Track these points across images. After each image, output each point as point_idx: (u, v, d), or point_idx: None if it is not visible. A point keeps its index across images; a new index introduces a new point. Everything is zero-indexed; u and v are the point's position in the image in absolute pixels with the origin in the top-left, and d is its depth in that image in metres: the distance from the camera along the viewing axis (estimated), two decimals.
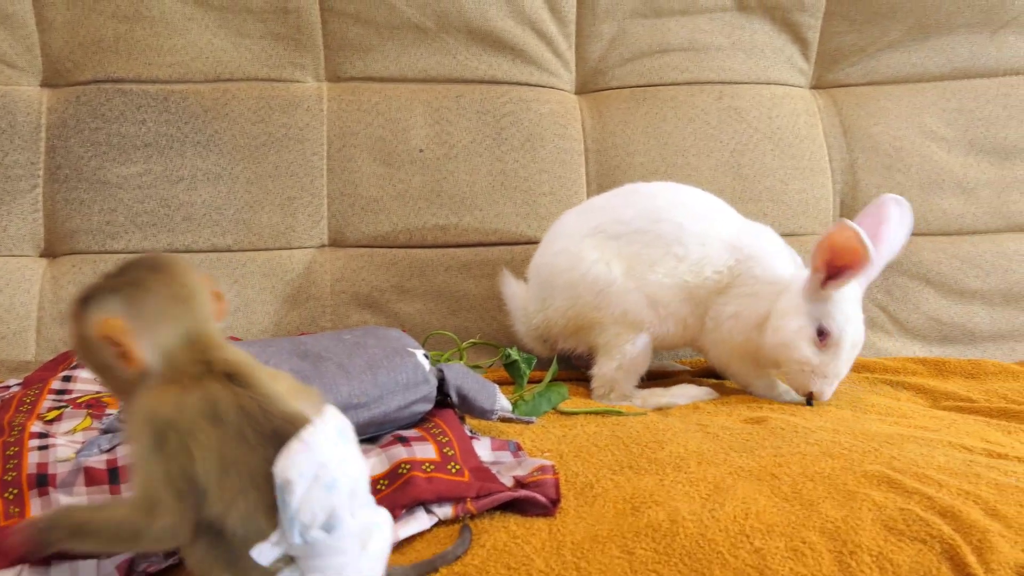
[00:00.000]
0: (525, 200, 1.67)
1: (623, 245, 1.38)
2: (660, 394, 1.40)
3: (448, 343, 1.60)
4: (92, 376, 1.03)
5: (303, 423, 0.69)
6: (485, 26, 1.69)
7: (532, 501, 0.91)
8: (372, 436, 1.08)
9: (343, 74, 1.69)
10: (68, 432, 1.05)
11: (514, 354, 1.38)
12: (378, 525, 0.75)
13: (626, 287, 1.37)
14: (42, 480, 0.90)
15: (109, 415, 1.11)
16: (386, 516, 0.77)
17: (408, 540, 0.87)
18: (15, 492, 0.88)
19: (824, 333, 1.29)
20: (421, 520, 0.89)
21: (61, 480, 0.91)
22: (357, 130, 1.66)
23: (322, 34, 1.67)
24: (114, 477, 0.92)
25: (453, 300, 1.64)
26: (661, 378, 1.52)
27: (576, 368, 1.52)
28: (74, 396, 1.18)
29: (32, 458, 0.95)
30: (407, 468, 0.94)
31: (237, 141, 1.62)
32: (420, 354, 1.14)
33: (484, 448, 1.07)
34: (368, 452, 1.00)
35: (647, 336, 1.39)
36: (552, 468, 0.99)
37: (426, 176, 1.66)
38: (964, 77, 1.81)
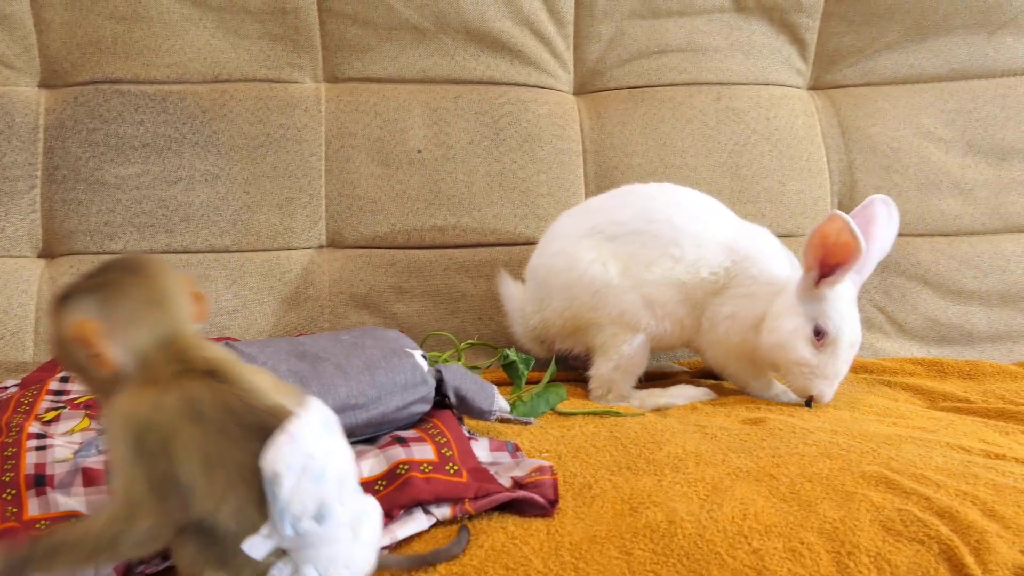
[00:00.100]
0: (523, 201, 1.67)
1: (620, 246, 1.38)
2: (658, 395, 1.40)
3: (446, 344, 1.60)
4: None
5: (287, 415, 0.69)
6: (483, 27, 1.69)
7: (530, 502, 0.91)
8: (370, 437, 1.08)
9: (341, 75, 1.69)
10: (66, 433, 1.05)
11: (512, 355, 1.38)
12: (367, 513, 0.75)
13: (623, 287, 1.37)
14: (40, 480, 0.90)
15: None
16: (375, 504, 0.77)
17: (406, 540, 0.87)
18: (13, 493, 0.88)
19: (821, 333, 1.29)
20: (419, 520, 0.89)
21: (59, 481, 0.91)
22: (355, 131, 1.66)
23: (320, 35, 1.67)
24: None
25: (451, 301, 1.64)
26: (659, 379, 1.52)
27: (573, 369, 1.52)
28: (72, 397, 1.18)
29: (30, 458, 0.95)
30: (405, 468, 0.94)
31: (235, 142, 1.62)
32: (418, 355, 1.14)
33: (482, 449, 1.07)
34: (366, 453, 1.00)
35: (644, 336, 1.39)
36: (550, 469, 0.99)
37: (424, 177, 1.66)
38: (962, 78, 1.81)
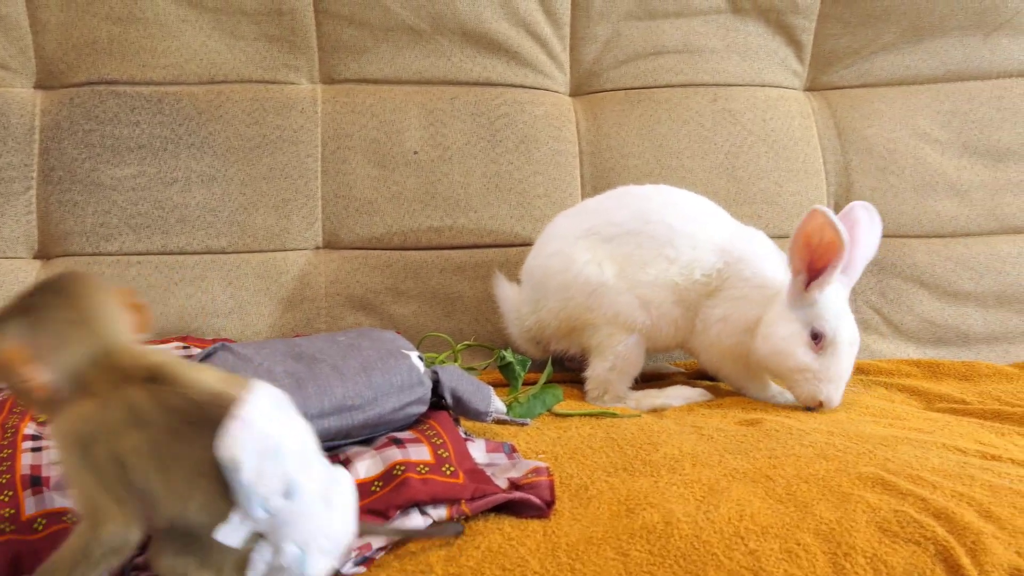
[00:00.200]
0: (520, 202, 1.67)
1: (615, 247, 1.38)
2: (654, 396, 1.40)
3: (443, 345, 1.60)
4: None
5: (233, 402, 0.69)
6: (480, 28, 1.69)
7: (527, 503, 0.91)
8: (366, 438, 1.07)
9: (337, 76, 1.69)
10: None
11: (509, 356, 1.38)
12: (336, 481, 0.76)
13: (618, 288, 1.37)
14: (36, 481, 0.90)
15: None
16: (343, 471, 0.78)
17: (402, 541, 0.87)
18: (10, 494, 0.88)
19: (818, 336, 1.28)
20: (416, 521, 0.89)
21: (55, 482, 0.91)
22: (351, 132, 1.66)
23: (316, 36, 1.67)
24: None
25: (448, 302, 1.64)
26: (655, 380, 1.52)
27: (569, 370, 1.52)
28: None
29: (25, 459, 0.95)
30: (402, 469, 0.94)
31: (231, 143, 1.62)
32: (415, 356, 1.14)
33: (479, 450, 1.07)
34: (362, 454, 1.00)
35: (640, 337, 1.39)
36: (547, 470, 0.99)
37: (420, 178, 1.66)
38: (957, 79, 1.81)
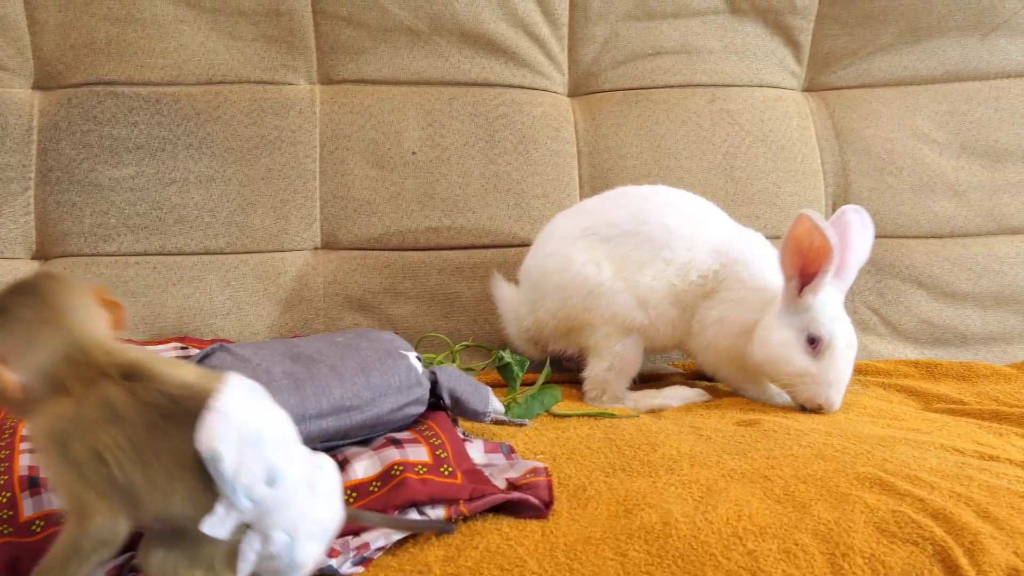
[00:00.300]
0: (518, 202, 1.67)
1: (613, 247, 1.38)
2: (653, 396, 1.40)
3: (441, 345, 1.60)
4: None
5: (209, 394, 0.70)
6: (478, 29, 1.69)
7: (525, 503, 0.91)
8: (365, 438, 1.07)
9: (335, 76, 1.69)
10: None
11: (507, 356, 1.38)
12: (319, 467, 0.76)
13: (616, 288, 1.37)
14: (34, 482, 0.90)
15: None
16: (326, 458, 0.78)
17: (401, 541, 0.87)
18: (8, 495, 0.88)
19: (815, 340, 1.28)
20: None
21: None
22: (350, 132, 1.66)
23: (314, 36, 1.67)
24: None
25: (446, 302, 1.64)
26: (654, 380, 1.53)
27: (567, 371, 1.52)
28: None
29: (23, 461, 0.95)
30: (400, 470, 0.94)
31: (229, 143, 1.62)
32: (413, 356, 1.14)
33: (477, 450, 1.07)
34: (361, 454, 1.00)
35: (637, 337, 1.39)
36: (545, 470, 0.99)
37: (419, 178, 1.66)
38: (955, 80, 1.81)
